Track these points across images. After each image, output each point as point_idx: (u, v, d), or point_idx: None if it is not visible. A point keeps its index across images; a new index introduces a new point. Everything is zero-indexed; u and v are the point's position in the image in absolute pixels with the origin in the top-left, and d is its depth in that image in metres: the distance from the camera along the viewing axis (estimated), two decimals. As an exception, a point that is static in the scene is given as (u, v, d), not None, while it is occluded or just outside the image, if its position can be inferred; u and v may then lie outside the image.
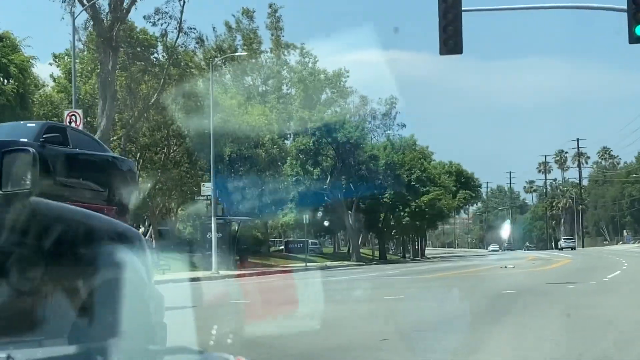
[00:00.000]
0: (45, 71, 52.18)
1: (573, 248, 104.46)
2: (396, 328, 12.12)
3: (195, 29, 49.33)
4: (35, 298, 4.56)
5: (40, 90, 47.51)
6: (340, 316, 14.04)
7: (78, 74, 49.33)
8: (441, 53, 23.17)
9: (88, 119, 46.43)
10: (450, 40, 22.19)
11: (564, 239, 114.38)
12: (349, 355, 9.44)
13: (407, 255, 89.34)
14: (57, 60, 51.27)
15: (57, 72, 51.22)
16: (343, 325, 12.59)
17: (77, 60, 50.59)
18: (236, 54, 58.73)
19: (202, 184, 42.66)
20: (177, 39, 46.50)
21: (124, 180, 16.55)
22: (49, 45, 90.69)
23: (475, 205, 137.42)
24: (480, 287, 23.46)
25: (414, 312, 15.23)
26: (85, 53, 49.42)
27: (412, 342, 10.25)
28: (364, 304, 17.42)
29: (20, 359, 1.91)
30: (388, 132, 71.80)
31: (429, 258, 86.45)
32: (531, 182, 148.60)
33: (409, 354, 9.53)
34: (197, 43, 52.20)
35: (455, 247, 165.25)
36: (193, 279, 31.05)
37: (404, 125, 73.09)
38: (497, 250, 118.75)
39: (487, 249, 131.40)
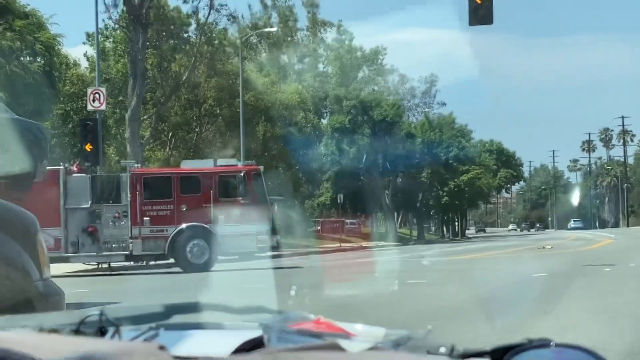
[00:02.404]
0: (80, 50, 51.86)
1: (582, 229, 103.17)
2: (407, 315, 11.24)
3: (227, 5, 48.61)
4: None
5: (72, 70, 47.05)
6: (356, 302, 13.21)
7: (111, 53, 48.88)
8: (470, 23, 22.20)
9: (120, 97, 45.97)
10: (481, 9, 21.14)
11: (573, 220, 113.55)
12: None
13: (446, 235, 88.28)
14: (90, 39, 50.76)
15: (91, 51, 50.81)
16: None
17: (110, 39, 50.21)
18: (266, 29, 57.80)
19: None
20: (208, 16, 45.80)
21: (22, 146, 15.45)
22: (84, 24, 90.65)
23: (517, 184, 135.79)
24: (511, 270, 22.55)
25: (432, 298, 14.36)
26: (117, 32, 48.92)
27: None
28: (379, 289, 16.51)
29: (110, 315, 1.89)
30: (427, 110, 70.75)
31: (469, 238, 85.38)
32: (575, 160, 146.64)
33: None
34: (228, 20, 51.38)
35: (498, 227, 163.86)
36: (223, 261, 30.29)
37: (444, 104, 72.06)
38: (516, 230, 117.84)
39: (509, 228, 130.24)
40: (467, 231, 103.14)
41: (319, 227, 73.18)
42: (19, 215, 5.53)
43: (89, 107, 31.12)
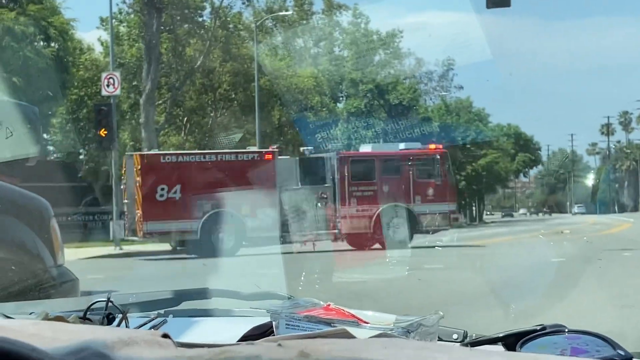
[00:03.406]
0: (94, 35, 51.93)
1: (584, 214, 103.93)
2: (420, 301, 11.21)
3: (241, -11, 48.56)
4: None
5: (86, 54, 47.11)
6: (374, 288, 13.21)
7: (125, 38, 48.89)
8: (488, 6, 22.02)
9: (134, 82, 46.01)
10: (496, -8, 20.96)
11: (577, 205, 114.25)
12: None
13: (464, 220, 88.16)
14: (104, 23, 50.77)
15: (105, 35, 50.83)
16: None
17: (124, 24, 50.20)
18: (281, 13, 57.67)
19: (247, 148, 41.92)
20: (222, -1, 45.75)
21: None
22: (98, 8, 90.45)
23: (535, 168, 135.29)
24: (528, 255, 22.47)
25: (446, 283, 14.32)
26: (132, 16, 48.91)
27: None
28: (397, 275, 16.49)
29: (117, 301, 1.95)
30: (443, 93, 70.57)
31: (486, 222, 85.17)
32: (594, 144, 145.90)
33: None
34: (243, 3, 51.33)
35: (516, 211, 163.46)
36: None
37: (461, 87, 71.80)
38: (526, 215, 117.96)
39: (519, 213, 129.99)
40: (485, 216, 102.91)
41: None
42: (32, 201, 5.51)
43: (103, 92, 31.15)
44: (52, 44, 34.73)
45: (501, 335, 1.69)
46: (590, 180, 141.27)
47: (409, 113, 62.93)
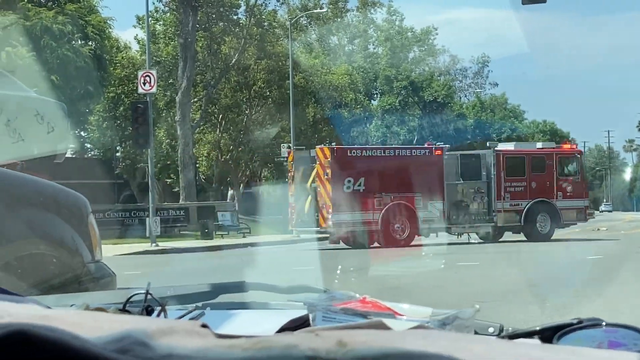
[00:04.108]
0: (131, 33, 52.30)
1: (610, 211, 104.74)
2: (456, 296, 11.17)
3: (276, -13, 48.69)
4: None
5: (123, 53, 47.45)
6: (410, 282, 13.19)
7: (161, 36, 49.20)
8: (523, 2, 21.95)
9: (170, 80, 46.27)
10: (532, -12, 20.86)
11: (604, 204, 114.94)
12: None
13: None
14: (140, 22, 51.11)
15: (141, 34, 51.17)
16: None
17: (160, 22, 50.51)
18: (316, 10, 57.71)
19: (282, 145, 42.05)
20: (257, -4, 45.88)
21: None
22: (135, 7, 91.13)
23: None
24: (564, 252, 22.33)
25: (482, 279, 14.27)
26: (167, 14, 49.20)
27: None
28: (434, 271, 16.45)
29: (156, 294, 1.98)
30: (478, 90, 70.29)
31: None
32: (631, 140, 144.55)
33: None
34: (278, 1, 51.43)
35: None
36: (269, 243, 30.47)
37: (496, 84, 71.50)
38: None
39: None
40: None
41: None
42: (71, 198, 5.57)
43: (140, 90, 31.31)
44: (90, 43, 35.01)
45: (538, 328, 1.69)
46: (627, 176, 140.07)
47: (443, 110, 62.78)
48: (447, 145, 29.67)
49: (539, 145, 31.91)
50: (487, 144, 30.54)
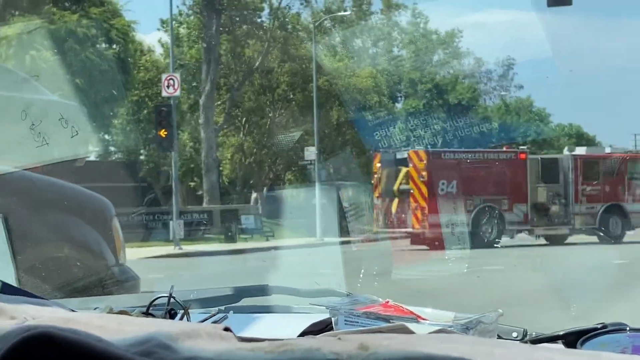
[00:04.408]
0: (154, 37, 52.50)
1: None
2: (480, 300, 11.13)
3: (299, -11, 48.74)
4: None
5: (146, 56, 47.62)
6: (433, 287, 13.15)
7: (185, 39, 49.36)
8: (549, 4, 21.85)
9: (194, 83, 46.41)
10: (558, -10, 20.74)
11: None
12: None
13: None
14: (164, 25, 51.27)
15: (165, 37, 51.35)
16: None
17: (184, 25, 50.67)
18: (340, 13, 57.68)
19: (306, 148, 42.05)
20: (281, 0, 45.93)
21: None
22: (158, 10, 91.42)
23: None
24: (590, 256, 22.23)
25: (506, 284, 14.21)
26: (191, 17, 49.33)
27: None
28: (457, 275, 16.40)
29: (179, 297, 2.02)
30: (503, 93, 70.02)
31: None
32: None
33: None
34: (301, 4, 51.47)
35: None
36: (293, 246, 30.47)
37: (522, 87, 71.17)
38: None
39: None
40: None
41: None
42: (95, 201, 5.59)
43: (163, 93, 31.46)
44: (114, 46, 35.17)
45: (561, 333, 1.69)
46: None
47: (468, 113, 62.55)
48: (528, 149, 31.12)
49: (608, 150, 33.17)
50: (566, 148, 31.89)
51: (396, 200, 28.54)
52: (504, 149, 31.98)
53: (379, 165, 29.66)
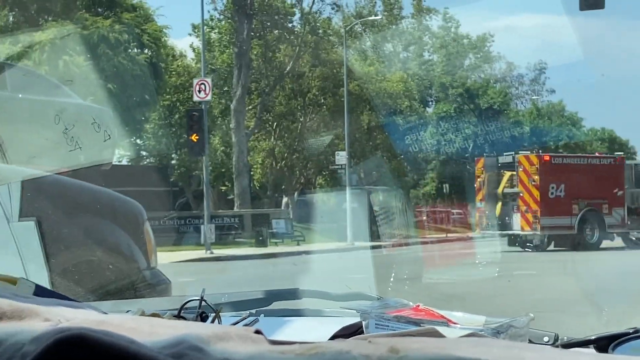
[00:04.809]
0: (186, 42, 52.73)
1: None
2: (510, 305, 11.07)
3: (330, -7, 48.79)
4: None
5: (178, 61, 47.84)
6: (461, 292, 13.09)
7: (216, 44, 49.53)
8: (581, 8, 21.72)
9: (225, 88, 46.56)
10: (591, -6, 20.61)
11: None
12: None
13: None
14: (195, 30, 51.49)
15: (196, 42, 51.55)
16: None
17: (215, 30, 50.86)
18: (371, 18, 57.66)
19: (337, 152, 42.06)
20: (312, 5, 46.00)
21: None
22: (190, 15, 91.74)
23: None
24: (623, 261, 22.05)
25: (538, 289, 14.12)
26: (223, 22, 49.49)
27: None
28: (488, 280, 16.32)
29: (210, 301, 2.06)
30: (535, 97, 69.66)
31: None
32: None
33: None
34: (332, 9, 51.56)
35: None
36: (323, 251, 30.50)
37: (553, 91, 70.75)
38: None
39: None
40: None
41: (424, 217, 72.88)
42: (127, 205, 5.62)
43: (195, 98, 31.58)
44: (146, 51, 35.36)
45: (593, 337, 1.68)
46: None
47: (499, 117, 62.27)
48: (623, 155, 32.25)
49: None
50: None
51: (499, 203, 29.36)
52: (596, 154, 33.82)
53: (482, 169, 30.29)
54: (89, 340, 1.03)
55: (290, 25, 48.58)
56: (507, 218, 29.22)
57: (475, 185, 31.13)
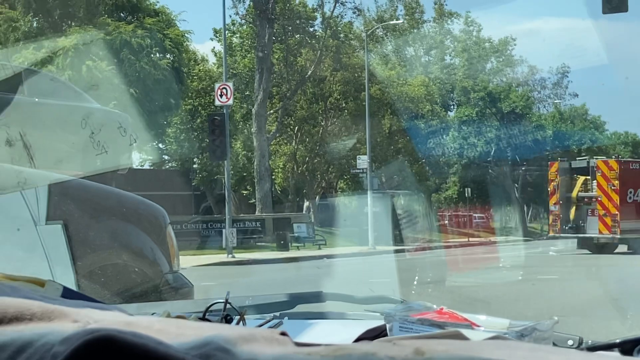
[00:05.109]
0: (208, 46, 52.89)
1: None
2: (534, 309, 11.03)
3: (352, -1, 48.87)
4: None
5: (200, 65, 48.00)
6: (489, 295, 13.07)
7: (238, 48, 49.66)
8: (604, 11, 21.64)
9: (247, 92, 46.67)
10: (613, -4, 20.54)
11: None
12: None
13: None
14: (217, 35, 51.66)
15: (218, 46, 51.72)
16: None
17: (237, 35, 50.99)
18: (392, 22, 57.62)
19: (358, 156, 42.04)
20: (333, 9, 46.04)
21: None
22: (212, 20, 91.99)
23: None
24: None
25: (561, 293, 14.05)
26: (244, 27, 49.62)
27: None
28: (512, 283, 16.28)
29: (234, 303, 2.05)
30: (557, 101, 69.37)
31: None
32: None
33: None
34: (354, 13, 51.58)
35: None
36: (345, 255, 30.48)
37: (576, 95, 70.46)
38: None
39: None
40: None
41: (446, 221, 72.72)
42: (150, 209, 5.65)
43: (217, 102, 31.64)
44: (168, 56, 35.48)
45: (618, 341, 1.68)
46: None
47: (521, 121, 62.03)
48: None
49: None
50: None
51: (574, 207, 29.91)
52: None
53: (555, 173, 30.85)
54: (117, 341, 1.04)
55: (311, 29, 48.66)
56: (581, 221, 29.76)
57: (548, 189, 31.65)
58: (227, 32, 48.35)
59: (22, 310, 1.22)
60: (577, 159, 32.02)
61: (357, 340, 1.77)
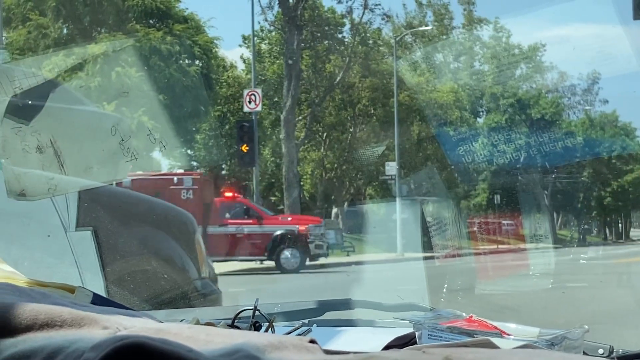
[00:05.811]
0: (237, 53, 53.07)
1: None
2: (564, 317, 10.96)
3: (381, 5, 48.89)
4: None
5: (229, 72, 48.14)
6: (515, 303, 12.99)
7: (266, 55, 49.77)
8: (635, 17, 21.54)
9: (275, 99, 46.74)
10: (644, 3, 20.42)
11: None
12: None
13: (609, 237, 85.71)
14: (246, 41, 51.79)
15: (247, 53, 51.85)
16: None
17: (265, 41, 51.11)
18: (421, 28, 57.52)
19: (386, 163, 41.98)
20: (362, 16, 46.02)
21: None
22: (241, 27, 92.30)
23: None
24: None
25: (591, 301, 13.95)
26: (273, 33, 49.71)
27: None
28: (542, 291, 16.16)
29: (263, 310, 2.04)
30: (588, 107, 68.99)
31: (633, 240, 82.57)
32: None
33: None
34: (382, 19, 51.52)
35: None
36: (374, 261, 30.45)
37: (607, 101, 70.02)
38: None
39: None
40: (632, 233, 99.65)
41: (475, 228, 72.35)
42: (178, 216, 5.68)
43: (245, 109, 31.75)
44: (197, 62, 35.67)
45: (649, 350, 1.67)
46: None
47: (551, 128, 61.71)
48: None
49: None
50: None
51: None
52: None
53: None
54: (147, 348, 1.04)
55: (340, 35, 48.67)
56: None
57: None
58: (255, 38, 48.45)
59: (53, 317, 1.23)
60: None
61: (386, 348, 1.76)
